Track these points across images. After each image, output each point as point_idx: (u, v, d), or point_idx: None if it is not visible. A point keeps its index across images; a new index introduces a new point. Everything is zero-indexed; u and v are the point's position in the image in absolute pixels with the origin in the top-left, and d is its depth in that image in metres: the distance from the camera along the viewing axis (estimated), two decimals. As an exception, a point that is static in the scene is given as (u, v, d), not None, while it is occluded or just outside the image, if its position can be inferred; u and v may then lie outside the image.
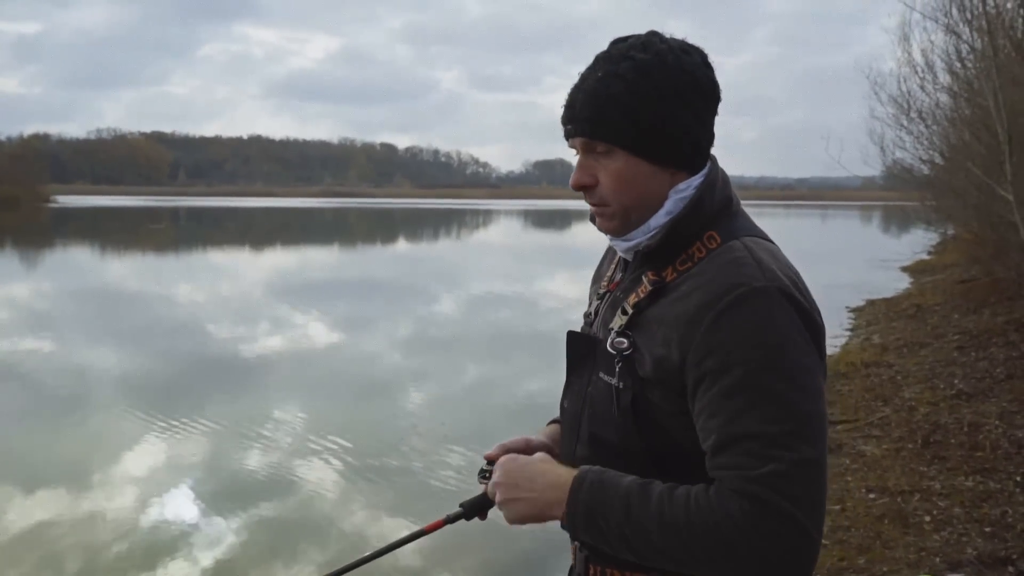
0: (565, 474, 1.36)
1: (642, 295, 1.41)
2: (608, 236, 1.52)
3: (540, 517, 1.39)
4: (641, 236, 1.43)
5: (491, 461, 1.58)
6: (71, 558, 5.21)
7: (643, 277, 1.43)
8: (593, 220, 1.55)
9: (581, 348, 1.53)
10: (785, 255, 1.42)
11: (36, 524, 5.71)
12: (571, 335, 1.57)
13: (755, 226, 1.45)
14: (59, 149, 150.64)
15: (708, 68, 1.41)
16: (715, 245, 1.38)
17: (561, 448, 1.57)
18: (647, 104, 1.36)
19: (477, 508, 1.54)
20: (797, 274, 1.38)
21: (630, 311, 1.41)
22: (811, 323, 1.32)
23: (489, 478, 1.53)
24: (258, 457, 7.14)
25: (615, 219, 1.44)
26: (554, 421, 1.73)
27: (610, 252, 1.67)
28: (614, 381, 1.40)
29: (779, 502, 1.20)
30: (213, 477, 6.70)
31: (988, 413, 6.76)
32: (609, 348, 1.41)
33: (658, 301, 1.38)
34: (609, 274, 1.60)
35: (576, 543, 1.52)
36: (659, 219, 1.41)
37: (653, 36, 1.41)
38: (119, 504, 6.07)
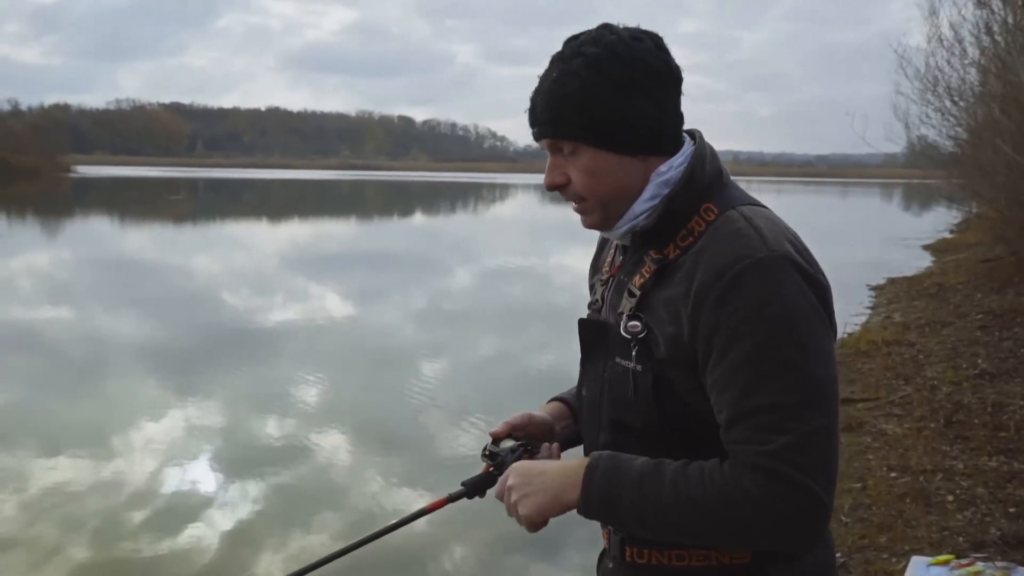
0: (574, 463, 1.39)
1: (647, 275, 1.41)
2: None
3: (555, 504, 1.39)
4: (626, 224, 1.43)
5: (496, 439, 1.58)
6: (90, 520, 5.25)
7: (645, 258, 1.43)
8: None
9: (593, 334, 1.53)
10: (781, 219, 1.42)
11: (57, 488, 5.75)
12: (583, 322, 1.57)
13: (748, 195, 1.44)
14: (79, 119, 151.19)
15: (662, 51, 1.41)
16: (713, 216, 1.38)
17: (583, 436, 1.58)
18: (601, 97, 1.36)
19: (479, 486, 1.55)
20: (796, 236, 1.38)
21: (637, 293, 1.41)
22: (817, 286, 1.32)
23: (491, 457, 1.56)
24: (275, 427, 7.16)
25: (595, 213, 1.44)
26: (555, 399, 1.75)
27: (607, 240, 1.67)
28: (631, 365, 1.40)
29: (792, 474, 1.22)
30: (230, 445, 6.73)
31: (1012, 393, 6.67)
32: (623, 332, 1.41)
33: (663, 281, 1.38)
34: (610, 259, 1.59)
35: (609, 528, 1.53)
36: (643, 204, 1.41)
37: (604, 29, 1.41)
38: (136, 469, 6.10)
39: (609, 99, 1.36)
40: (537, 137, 1.44)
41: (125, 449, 6.60)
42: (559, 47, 1.43)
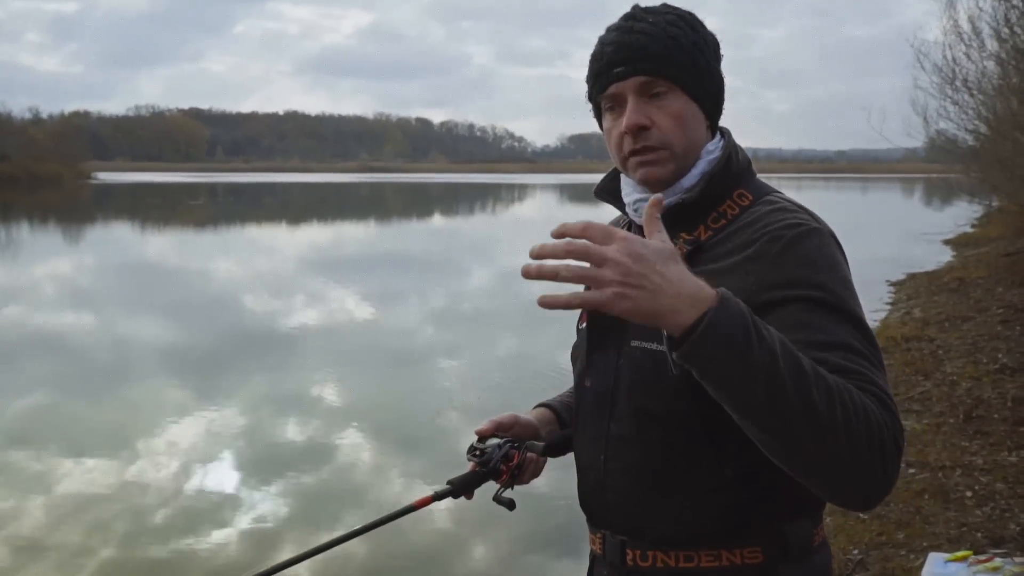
0: (695, 278, 1.11)
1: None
2: (633, 202, 1.45)
3: (657, 314, 1.08)
4: (673, 196, 1.40)
5: (482, 437, 1.54)
6: (115, 521, 5.33)
7: (675, 240, 1.37)
8: (600, 193, 1.53)
9: (605, 321, 1.43)
10: None
11: (82, 489, 5.84)
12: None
13: (775, 188, 1.46)
14: (99, 126, 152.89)
15: None
16: (747, 202, 1.39)
17: (585, 430, 1.48)
18: (703, 52, 1.40)
19: (466, 485, 1.51)
20: None
21: None
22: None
23: (479, 456, 1.50)
24: (295, 428, 7.23)
25: (670, 164, 1.39)
26: (541, 405, 1.70)
27: None
28: (655, 345, 1.33)
29: (894, 409, 1.18)
30: (252, 445, 6.80)
31: (1033, 388, 6.63)
32: None
33: (697, 260, 1.35)
34: None
35: (604, 531, 1.44)
36: (691, 179, 1.40)
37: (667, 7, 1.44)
38: (161, 470, 6.18)
39: (709, 56, 1.41)
40: (624, 76, 1.37)
41: (149, 450, 6.68)
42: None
